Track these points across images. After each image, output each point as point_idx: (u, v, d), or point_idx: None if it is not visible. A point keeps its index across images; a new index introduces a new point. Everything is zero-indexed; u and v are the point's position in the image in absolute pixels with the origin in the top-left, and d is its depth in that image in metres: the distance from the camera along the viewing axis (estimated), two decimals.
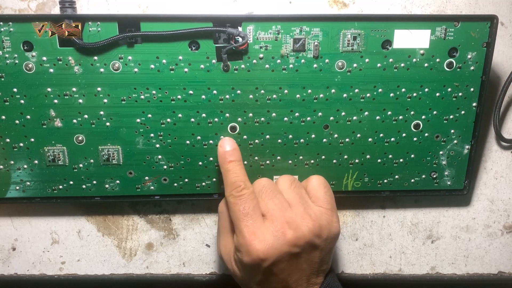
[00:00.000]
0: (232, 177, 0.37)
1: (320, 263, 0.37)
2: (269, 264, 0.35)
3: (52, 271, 0.46)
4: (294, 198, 0.37)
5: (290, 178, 0.39)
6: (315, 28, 0.37)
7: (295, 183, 0.39)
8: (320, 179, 0.40)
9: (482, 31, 0.38)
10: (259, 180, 0.39)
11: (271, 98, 0.39)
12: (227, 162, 0.38)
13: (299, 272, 0.36)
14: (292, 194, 0.38)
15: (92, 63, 0.37)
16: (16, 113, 0.38)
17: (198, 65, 0.38)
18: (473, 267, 0.48)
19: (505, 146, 0.46)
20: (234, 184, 0.37)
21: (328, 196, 0.38)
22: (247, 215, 0.36)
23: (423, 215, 0.47)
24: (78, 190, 0.41)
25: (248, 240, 0.35)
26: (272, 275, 0.36)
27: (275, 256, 0.35)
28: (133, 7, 0.40)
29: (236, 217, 0.36)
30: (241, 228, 0.35)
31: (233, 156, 0.38)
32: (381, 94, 0.40)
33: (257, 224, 0.35)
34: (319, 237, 0.36)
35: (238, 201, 0.36)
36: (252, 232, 0.35)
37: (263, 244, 0.35)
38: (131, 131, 0.39)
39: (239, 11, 0.40)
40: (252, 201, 0.36)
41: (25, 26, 0.36)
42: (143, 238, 0.45)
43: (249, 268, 0.36)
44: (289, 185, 0.38)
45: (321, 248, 0.37)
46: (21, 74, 0.37)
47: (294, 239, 0.35)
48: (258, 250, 0.35)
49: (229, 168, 0.37)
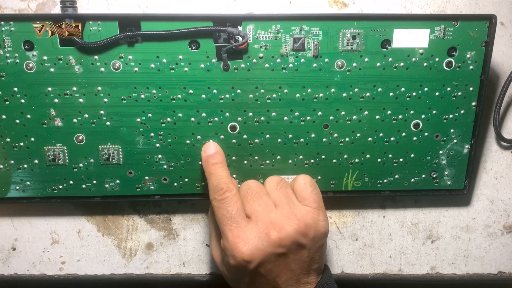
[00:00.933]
0: (214, 180, 0.37)
1: (310, 262, 0.37)
2: (255, 266, 0.35)
3: (52, 271, 0.46)
4: (280, 199, 0.37)
5: (276, 179, 0.39)
6: (315, 27, 0.38)
7: (282, 183, 0.39)
8: (306, 178, 0.39)
9: (481, 30, 0.38)
10: (246, 182, 0.39)
11: (271, 97, 0.39)
12: (210, 165, 0.38)
13: (288, 272, 0.36)
14: (278, 195, 0.38)
15: (92, 63, 0.37)
16: (17, 112, 0.38)
17: (198, 65, 0.38)
18: (473, 267, 0.48)
19: (505, 146, 0.46)
20: (216, 187, 0.37)
21: (314, 195, 0.38)
22: (231, 218, 0.36)
23: (423, 215, 0.47)
24: (78, 190, 0.41)
25: (232, 243, 0.35)
26: (260, 276, 0.36)
27: (260, 257, 0.35)
28: (133, 6, 0.40)
29: (221, 221, 0.36)
30: (226, 232, 0.36)
31: (215, 159, 0.38)
32: (380, 93, 0.40)
33: (241, 227, 0.35)
34: (306, 236, 0.36)
35: (221, 204, 0.36)
36: (236, 235, 0.35)
37: (248, 247, 0.35)
38: (131, 130, 0.39)
39: (239, 10, 0.40)
40: (235, 204, 0.36)
41: (26, 26, 0.36)
42: (143, 238, 0.45)
43: (236, 270, 0.36)
44: (275, 186, 0.38)
45: (309, 247, 0.36)
46: (22, 73, 0.37)
47: (278, 240, 0.35)
48: (242, 253, 0.35)
49: (211, 171, 0.38)
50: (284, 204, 0.37)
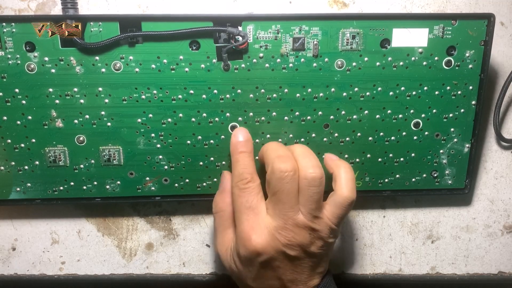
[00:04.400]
0: (240, 168, 0.37)
1: (317, 267, 0.37)
2: (264, 260, 0.35)
3: (52, 271, 0.46)
4: (305, 205, 0.35)
5: (317, 183, 0.35)
6: (314, 27, 0.38)
7: (318, 188, 0.36)
8: (350, 200, 0.37)
9: (480, 29, 0.38)
10: (285, 167, 0.35)
11: (271, 97, 0.39)
12: (238, 153, 0.37)
13: (295, 273, 0.36)
14: (307, 200, 0.35)
15: (93, 63, 0.37)
16: (18, 113, 0.38)
17: (199, 65, 0.38)
18: (473, 267, 0.48)
19: (505, 146, 0.46)
20: (241, 175, 0.36)
21: (341, 219, 0.37)
22: (249, 208, 0.36)
23: (423, 215, 0.47)
24: (79, 191, 0.41)
25: (246, 234, 0.35)
26: (268, 270, 0.36)
27: (270, 253, 0.35)
28: (133, 7, 0.40)
29: (239, 209, 0.36)
30: (242, 221, 0.36)
31: (245, 147, 0.38)
32: (380, 92, 0.40)
33: (258, 219, 0.35)
34: (316, 246, 0.36)
35: (242, 193, 0.36)
36: (251, 226, 0.35)
37: (260, 240, 0.35)
38: (132, 131, 0.39)
39: (239, 10, 0.40)
40: (256, 195, 0.36)
41: (27, 27, 0.36)
42: (143, 238, 0.45)
43: (245, 260, 0.36)
44: (308, 187, 0.35)
45: (319, 254, 0.37)
46: (23, 74, 0.37)
47: (290, 244, 0.35)
48: (255, 245, 0.35)
49: (239, 159, 0.37)
50: (306, 214, 0.35)
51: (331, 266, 0.46)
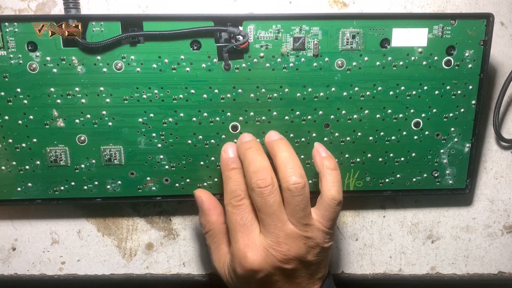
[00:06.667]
0: (233, 185, 0.37)
1: (316, 273, 0.37)
2: (262, 276, 0.35)
3: (52, 271, 0.45)
4: (293, 213, 0.35)
5: (301, 186, 0.35)
6: (315, 27, 0.38)
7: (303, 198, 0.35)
8: (337, 201, 0.36)
9: (479, 29, 0.39)
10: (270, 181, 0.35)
11: (272, 97, 0.39)
12: (229, 169, 0.37)
13: (294, 284, 0.36)
14: (294, 210, 0.35)
15: (95, 63, 0.37)
16: (19, 113, 0.38)
17: (200, 64, 0.38)
18: (473, 267, 0.48)
19: (505, 146, 0.46)
20: (234, 192, 0.36)
21: (333, 221, 0.37)
22: (244, 226, 0.36)
23: (423, 215, 0.47)
24: (80, 191, 0.41)
25: (242, 252, 0.35)
26: (266, 285, 0.36)
27: (267, 270, 0.35)
28: (133, 7, 0.40)
29: (233, 227, 0.36)
30: (237, 239, 0.35)
31: (236, 163, 0.37)
32: (380, 92, 0.40)
33: (253, 236, 0.35)
34: (313, 254, 0.36)
35: (236, 210, 0.36)
36: (246, 244, 0.35)
37: (256, 257, 0.35)
38: (133, 131, 0.39)
39: (239, 10, 0.41)
40: (250, 212, 0.36)
41: (29, 27, 0.36)
42: (143, 238, 0.45)
43: (242, 279, 0.36)
44: (293, 195, 0.35)
45: (315, 261, 0.36)
46: (25, 74, 0.37)
47: (286, 258, 0.35)
48: (251, 263, 0.35)
49: (231, 176, 0.37)
50: (296, 223, 0.35)
51: (331, 266, 0.47)
